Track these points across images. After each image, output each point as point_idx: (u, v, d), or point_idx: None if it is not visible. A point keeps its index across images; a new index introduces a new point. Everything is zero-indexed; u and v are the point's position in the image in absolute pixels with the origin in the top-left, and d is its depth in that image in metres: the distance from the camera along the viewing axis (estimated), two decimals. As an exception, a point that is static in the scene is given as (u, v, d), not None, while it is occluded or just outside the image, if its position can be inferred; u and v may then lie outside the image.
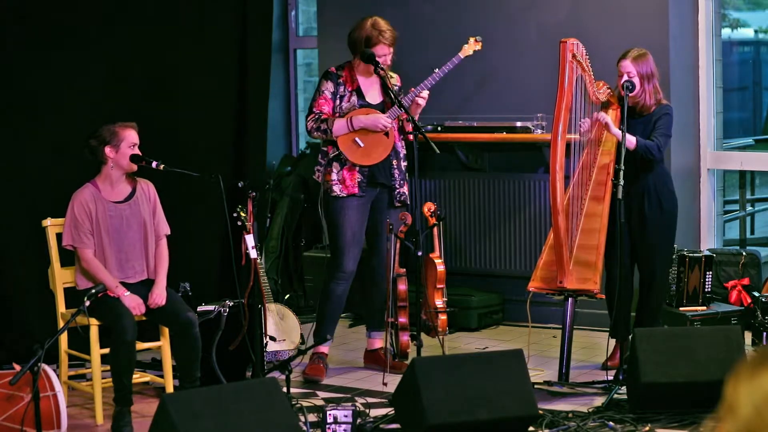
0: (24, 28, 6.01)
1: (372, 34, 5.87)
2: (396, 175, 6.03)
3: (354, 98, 5.96)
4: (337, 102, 5.94)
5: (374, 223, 6.08)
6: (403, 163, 6.07)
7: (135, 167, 5.37)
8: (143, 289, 5.37)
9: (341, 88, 5.95)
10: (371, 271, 6.17)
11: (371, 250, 6.18)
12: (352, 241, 5.97)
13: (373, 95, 6.03)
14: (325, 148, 6.02)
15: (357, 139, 5.91)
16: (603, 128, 5.82)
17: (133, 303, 5.25)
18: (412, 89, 5.99)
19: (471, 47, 6.20)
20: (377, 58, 5.86)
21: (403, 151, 6.09)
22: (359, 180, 5.94)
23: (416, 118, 5.99)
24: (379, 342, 6.21)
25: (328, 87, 5.95)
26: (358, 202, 5.96)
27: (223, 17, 6.17)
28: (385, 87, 5.97)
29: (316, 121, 5.92)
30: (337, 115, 5.93)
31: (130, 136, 5.34)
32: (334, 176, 5.93)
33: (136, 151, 5.35)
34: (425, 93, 5.97)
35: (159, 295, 5.33)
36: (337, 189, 5.92)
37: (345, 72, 5.99)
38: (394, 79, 6.11)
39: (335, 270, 6.01)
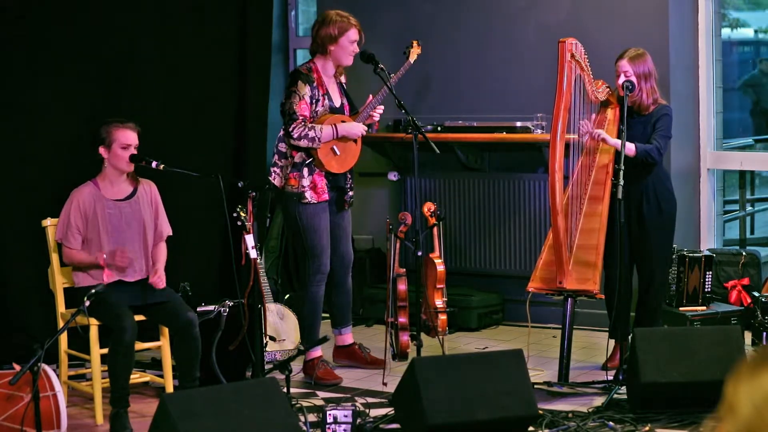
0: (24, 28, 6.01)
1: (342, 20, 5.87)
2: (348, 178, 6.08)
3: (326, 102, 5.92)
4: (314, 106, 5.88)
5: (332, 227, 6.05)
6: None
7: (130, 167, 5.36)
8: (142, 288, 5.37)
9: (316, 92, 5.89)
10: (331, 273, 6.11)
11: (331, 253, 6.12)
12: (327, 244, 5.97)
13: (336, 97, 6.00)
14: (284, 150, 5.93)
15: (335, 147, 5.88)
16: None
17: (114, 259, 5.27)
18: (371, 97, 5.97)
19: (415, 51, 6.19)
20: (350, 43, 5.86)
21: None
22: (326, 185, 5.94)
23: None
24: (349, 337, 6.24)
25: (307, 91, 5.85)
26: (325, 206, 5.96)
27: (223, 17, 6.17)
28: (343, 88, 6.03)
29: (304, 127, 5.80)
30: (312, 120, 5.87)
31: (123, 137, 5.32)
32: (305, 182, 5.87)
33: (132, 151, 5.34)
34: (380, 109, 5.96)
35: (159, 278, 5.32)
36: (309, 196, 5.87)
37: (315, 74, 5.92)
38: (343, 77, 6.09)
39: (315, 273, 5.98)
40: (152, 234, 5.45)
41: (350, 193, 6.09)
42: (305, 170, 5.88)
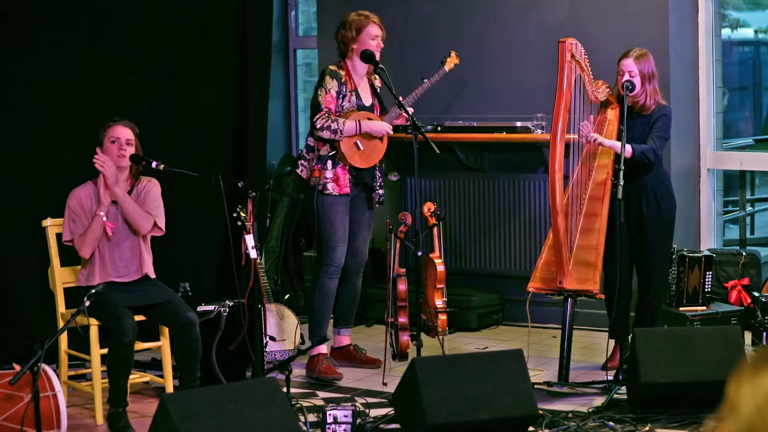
0: (23, 29, 6.01)
1: (359, 18, 5.99)
2: (377, 177, 6.15)
3: (354, 98, 6.00)
4: (340, 101, 5.97)
5: (351, 222, 6.10)
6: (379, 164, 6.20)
7: (121, 162, 5.31)
8: (138, 287, 5.36)
9: (344, 88, 5.98)
10: (344, 269, 6.14)
11: (347, 248, 6.16)
12: (343, 236, 6.03)
13: (366, 96, 6.09)
14: (312, 144, 6.01)
15: (358, 142, 5.96)
16: (601, 129, 5.82)
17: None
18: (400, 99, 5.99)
19: (453, 61, 6.33)
20: (371, 39, 5.94)
21: None
22: (350, 179, 6.00)
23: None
24: (347, 339, 6.25)
25: (334, 86, 5.95)
26: (346, 200, 6.02)
27: (223, 17, 6.17)
28: (374, 89, 6.08)
29: (328, 119, 5.90)
30: (337, 114, 5.94)
31: (111, 132, 5.31)
32: (328, 174, 5.95)
33: (121, 145, 5.30)
34: (410, 110, 5.97)
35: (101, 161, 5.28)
36: (330, 187, 5.94)
37: (345, 71, 6.02)
38: (377, 80, 6.14)
39: (327, 265, 6.03)
40: (142, 236, 5.42)
41: (380, 192, 6.16)
42: (329, 163, 5.95)
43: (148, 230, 5.38)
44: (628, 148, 5.64)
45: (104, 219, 5.25)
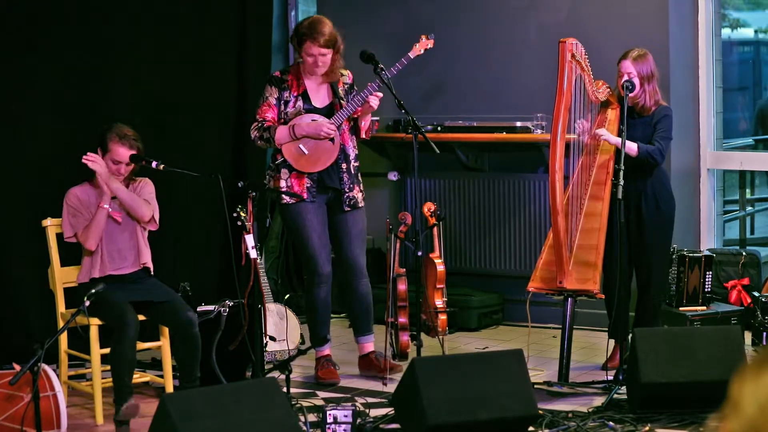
0: (23, 28, 6.01)
1: (304, 31, 5.70)
2: (345, 179, 5.87)
3: (300, 103, 5.78)
4: (282, 107, 5.78)
5: (332, 228, 5.93)
6: (354, 164, 5.92)
7: (120, 177, 5.33)
8: (138, 283, 5.36)
9: (286, 93, 5.77)
10: (341, 281, 6.02)
11: (336, 258, 6.04)
12: (319, 243, 5.84)
13: (321, 98, 5.85)
14: (275, 154, 5.86)
15: (301, 146, 5.74)
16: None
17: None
18: (370, 84, 5.77)
19: (422, 46, 5.97)
20: (308, 57, 5.69)
21: (354, 153, 5.92)
22: (308, 186, 5.80)
23: (368, 121, 5.87)
24: (369, 346, 6.07)
25: (273, 93, 5.76)
26: (312, 206, 5.82)
27: (224, 17, 6.17)
28: (335, 89, 5.84)
29: (259, 129, 5.74)
30: (282, 121, 5.78)
31: (116, 153, 5.28)
32: (282, 183, 5.79)
33: (122, 167, 5.29)
34: (377, 95, 5.75)
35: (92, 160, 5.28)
36: (286, 197, 5.80)
37: (290, 76, 5.80)
38: (345, 77, 5.93)
39: (312, 275, 5.89)
40: (140, 228, 5.43)
41: (349, 194, 5.88)
42: (283, 171, 5.82)
43: (149, 217, 5.38)
44: (634, 146, 5.64)
45: (109, 210, 5.26)
